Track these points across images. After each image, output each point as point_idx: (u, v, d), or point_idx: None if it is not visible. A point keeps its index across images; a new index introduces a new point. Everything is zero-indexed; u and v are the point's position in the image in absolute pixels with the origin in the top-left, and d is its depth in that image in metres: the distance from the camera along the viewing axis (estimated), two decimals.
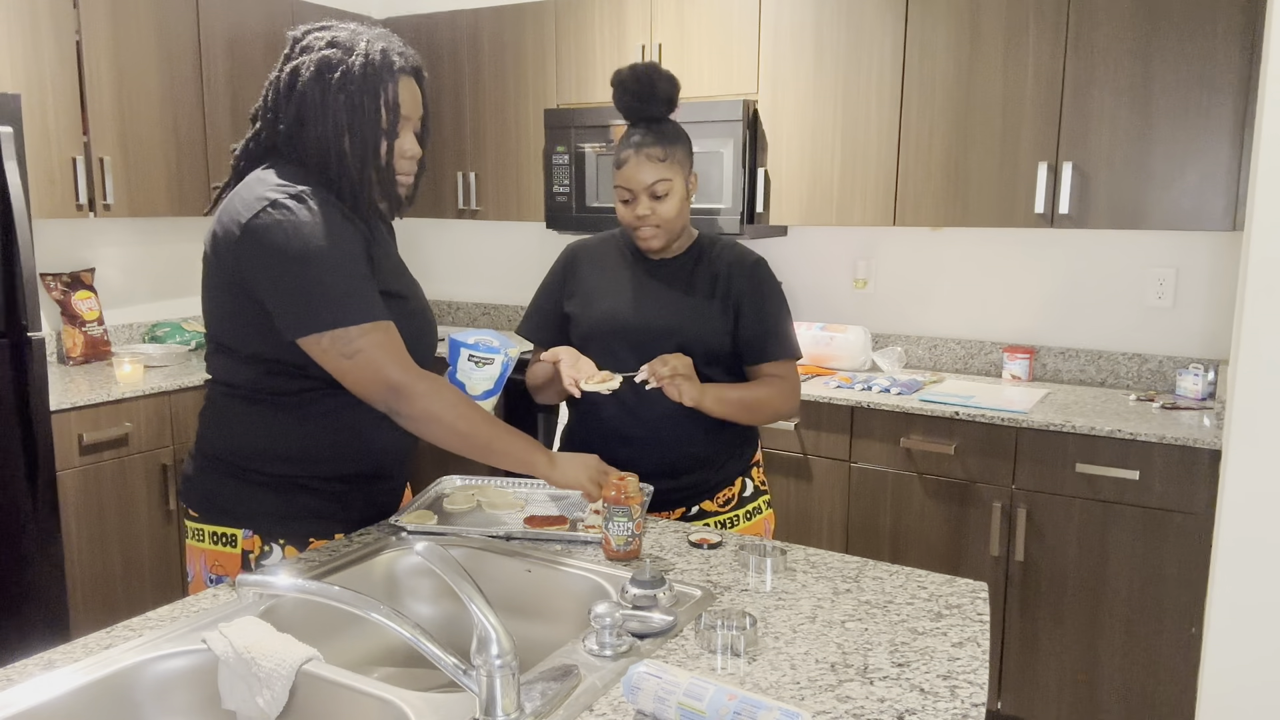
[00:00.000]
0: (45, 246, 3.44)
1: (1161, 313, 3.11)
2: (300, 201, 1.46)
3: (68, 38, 3.07)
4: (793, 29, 3.23)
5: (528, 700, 1.09)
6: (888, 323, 3.57)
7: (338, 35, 1.52)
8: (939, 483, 2.88)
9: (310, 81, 1.49)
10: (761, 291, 1.93)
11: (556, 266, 2.03)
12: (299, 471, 1.58)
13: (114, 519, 2.99)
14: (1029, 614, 2.79)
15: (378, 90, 1.49)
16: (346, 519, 1.65)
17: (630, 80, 1.84)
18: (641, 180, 1.82)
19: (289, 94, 1.51)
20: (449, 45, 3.98)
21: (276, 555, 1.57)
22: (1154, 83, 2.70)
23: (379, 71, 1.50)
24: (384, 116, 1.51)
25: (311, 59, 1.50)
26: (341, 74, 1.48)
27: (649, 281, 1.93)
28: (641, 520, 1.54)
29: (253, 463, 1.57)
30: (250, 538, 1.56)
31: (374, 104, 1.50)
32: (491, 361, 1.73)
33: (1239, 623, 2.29)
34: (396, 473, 1.72)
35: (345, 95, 1.48)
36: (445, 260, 4.63)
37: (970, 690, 1.15)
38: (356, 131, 1.50)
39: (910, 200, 3.10)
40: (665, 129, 1.86)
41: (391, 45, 1.53)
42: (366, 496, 1.67)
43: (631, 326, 1.89)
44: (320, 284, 1.43)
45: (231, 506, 1.58)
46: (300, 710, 1.18)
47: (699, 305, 1.90)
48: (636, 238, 1.88)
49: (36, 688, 1.14)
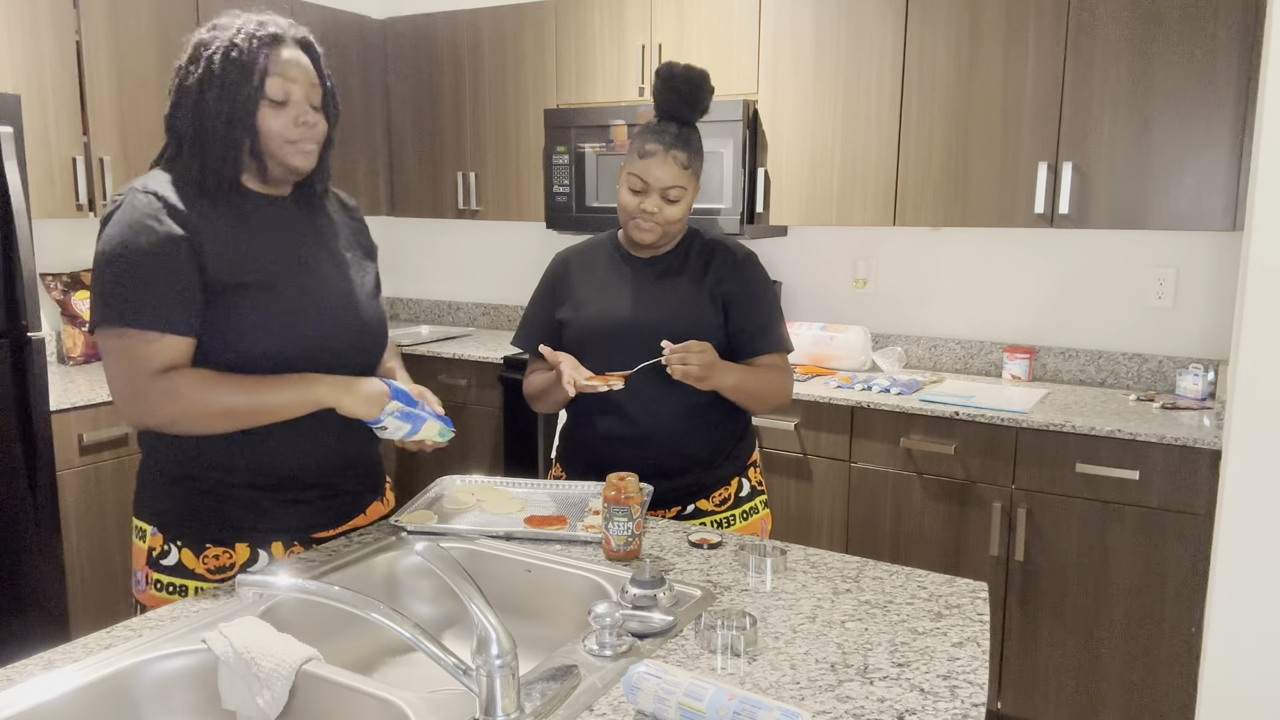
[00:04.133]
0: (45, 246, 3.44)
1: (1161, 313, 3.11)
2: (125, 197, 1.46)
3: (68, 38, 3.07)
4: (793, 29, 3.23)
5: (528, 700, 1.09)
6: (888, 323, 3.57)
7: (219, 20, 1.51)
8: (939, 483, 2.88)
9: (186, 64, 1.49)
10: (752, 286, 1.92)
11: (547, 275, 2.03)
12: (199, 473, 1.53)
13: (114, 519, 2.99)
14: (1029, 614, 2.79)
15: (251, 59, 1.46)
16: (253, 529, 1.55)
17: (682, 80, 1.83)
18: (661, 179, 1.81)
19: (172, 86, 1.51)
20: (449, 45, 3.98)
21: (173, 556, 1.54)
22: (1154, 83, 2.70)
23: (251, 41, 1.46)
24: (255, 82, 1.46)
25: (190, 43, 1.50)
26: (214, 49, 1.46)
27: (638, 281, 1.93)
28: (641, 520, 1.54)
29: (162, 461, 1.55)
30: (155, 535, 1.55)
31: (244, 74, 1.46)
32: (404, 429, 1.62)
33: (1239, 622, 2.29)
34: (320, 483, 1.61)
35: (210, 68, 1.46)
36: (445, 260, 4.63)
37: (970, 690, 1.15)
38: (224, 103, 1.46)
39: (910, 200, 3.10)
40: (693, 138, 1.86)
41: (269, 18, 1.50)
42: (280, 507, 1.57)
43: (623, 328, 1.89)
44: (105, 283, 1.43)
45: (145, 501, 1.58)
46: (300, 710, 1.18)
47: (689, 301, 1.90)
48: (632, 227, 1.87)
49: (36, 688, 1.13)
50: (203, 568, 1.53)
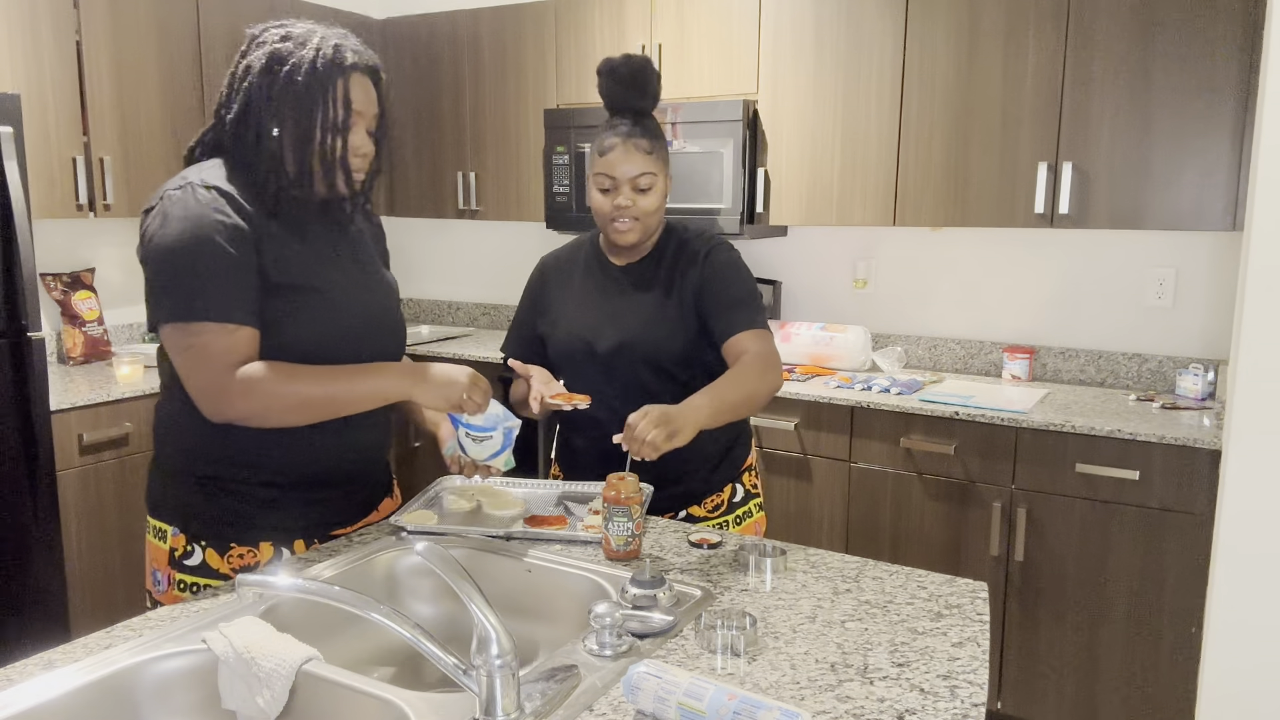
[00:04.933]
0: (45, 246, 3.44)
1: (1161, 313, 3.11)
2: (183, 192, 1.45)
3: (68, 38, 3.07)
4: (793, 29, 3.23)
5: (528, 700, 1.09)
6: (888, 323, 3.57)
7: (292, 30, 1.51)
8: (939, 483, 2.88)
9: (260, 74, 1.48)
10: (716, 271, 1.86)
11: (528, 286, 2.02)
12: (224, 473, 1.54)
13: (114, 519, 2.99)
14: (1029, 614, 2.79)
15: (327, 85, 1.47)
16: (277, 528, 1.57)
17: (624, 69, 1.81)
18: (626, 171, 1.79)
19: (239, 87, 1.51)
20: (449, 45, 3.98)
21: (197, 557, 1.54)
22: (1154, 82, 2.70)
23: (329, 66, 1.48)
24: (332, 110, 1.48)
25: (264, 52, 1.49)
26: (291, 67, 1.47)
27: (611, 294, 1.90)
28: (641, 520, 1.55)
29: (183, 461, 1.56)
30: (177, 535, 1.55)
31: (322, 98, 1.47)
32: (490, 437, 1.66)
33: (1239, 623, 2.29)
34: (342, 482, 1.64)
35: (292, 88, 1.47)
36: (445, 260, 4.63)
37: (970, 690, 1.15)
38: (302, 124, 1.48)
39: (910, 200, 3.10)
40: (650, 124, 1.83)
41: (346, 43, 1.51)
42: (302, 506, 1.59)
43: (596, 348, 1.87)
44: (174, 275, 1.42)
45: (165, 502, 1.58)
46: (300, 710, 1.18)
47: (659, 311, 1.86)
48: (612, 230, 1.84)
49: (36, 688, 1.13)
50: (227, 567, 1.54)
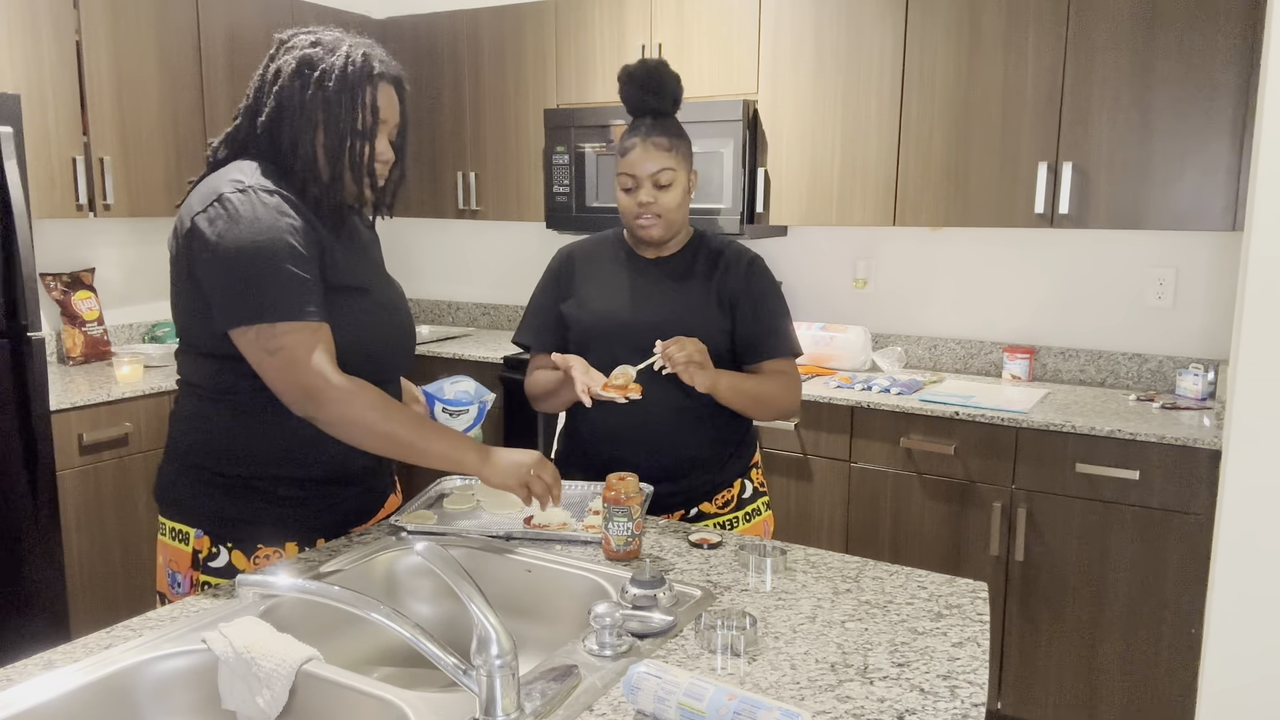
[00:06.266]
0: (45, 246, 3.44)
1: (1161, 313, 3.11)
2: (247, 195, 1.46)
3: (68, 38, 3.07)
4: (793, 29, 3.23)
5: (528, 700, 1.09)
6: (888, 323, 3.57)
7: (322, 37, 1.54)
8: (939, 483, 2.88)
9: (290, 78, 1.51)
10: (758, 289, 1.93)
11: (551, 269, 2.02)
12: (252, 474, 1.55)
13: (114, 519, 2.99)
14: (1029, 614, 2.79)
15: (356, 92, 1.51)
16: (303, 527, 1.60)
17: (640, 73, 1.86)
18: (646, 168, 1.83)
19: (270, 90, 1.53)
20: (449, 45, 3.98)
21: (223, 558, 1.55)
22: (1154, 82, 2.70)
23: (359, 73, 1.51)
24: (361, 118, 1.52)
25: (294, 57, 1.51)
26: (321, 72, 1.50)
27: (645, 280, 1.93)
28: (641, 520, 1.55)
29: (209, 462, 1.56)
30: (201, 537, 1.56)
31: (351, 104, 1.51)
32: (466, 411, 1.74)
33: (1239, 623, 2.29)
34: (362, 479, 1.68)
35: (323, 93, 1.50)
36: (445, 260, 4.63)
37: (970, 690, 1.15)
38: (331, 129, 1.51)
39: (910, 200, 3.10)
40: (670, 124, 1.87)
41: (374, 52, 1.55)
42: (327, 504, 1.63)
43: (628, 326, 1.89)
44: (253, 277, 1.43)
45: (187, 504, 1.58)
46: (300, 710, 1.18)
47: (695, 302, 1.90)
48: (636, 227, 1.88)
49: (36, 688, 1.13)
50: (253, 568, 1.55)
